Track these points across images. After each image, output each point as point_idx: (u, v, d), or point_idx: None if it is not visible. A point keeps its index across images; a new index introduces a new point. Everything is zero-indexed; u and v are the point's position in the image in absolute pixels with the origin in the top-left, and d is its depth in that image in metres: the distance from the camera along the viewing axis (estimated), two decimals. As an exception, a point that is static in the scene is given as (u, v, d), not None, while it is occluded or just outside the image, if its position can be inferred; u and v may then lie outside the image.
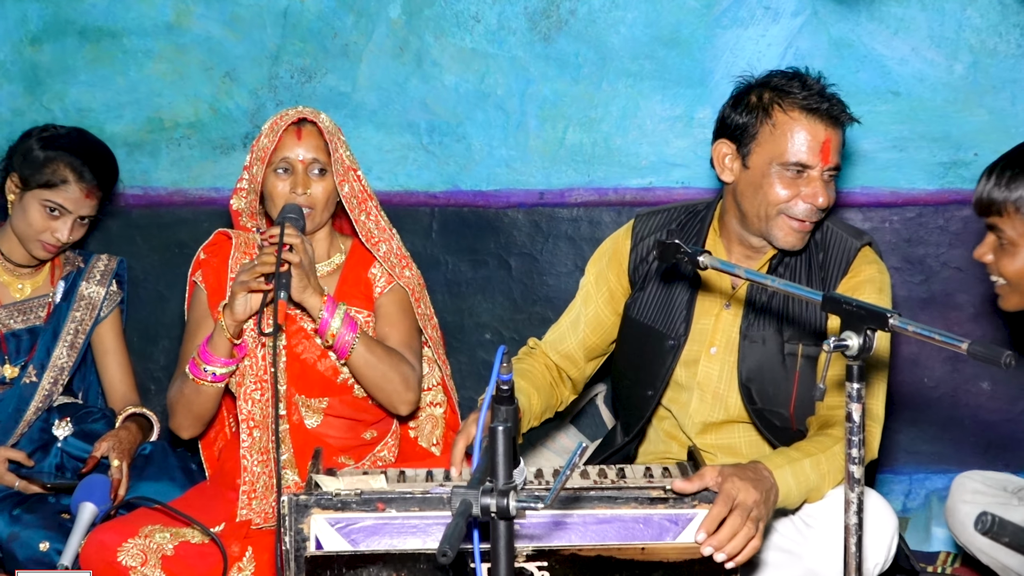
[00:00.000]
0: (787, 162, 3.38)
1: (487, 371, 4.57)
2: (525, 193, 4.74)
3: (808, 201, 3.40)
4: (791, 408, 3.51)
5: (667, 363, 3.62)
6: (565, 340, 3.79)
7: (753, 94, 3.47)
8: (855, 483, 2.67)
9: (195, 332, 3.74)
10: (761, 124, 3.42)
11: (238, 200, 3.81)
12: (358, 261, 3.84)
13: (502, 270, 4.80)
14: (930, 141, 4.54)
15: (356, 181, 3.77)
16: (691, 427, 3.64)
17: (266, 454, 3.66)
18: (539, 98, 4.68)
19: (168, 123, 4.81)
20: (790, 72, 3.48)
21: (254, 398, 3.66)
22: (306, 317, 3.72)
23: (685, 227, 3.68)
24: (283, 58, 4.73)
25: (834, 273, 3.53)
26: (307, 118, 3.72)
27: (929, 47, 4.49)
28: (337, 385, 3.74)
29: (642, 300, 3.68)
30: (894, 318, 2.60)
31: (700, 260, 3.10)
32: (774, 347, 3.52)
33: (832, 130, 3.40)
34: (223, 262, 3.77)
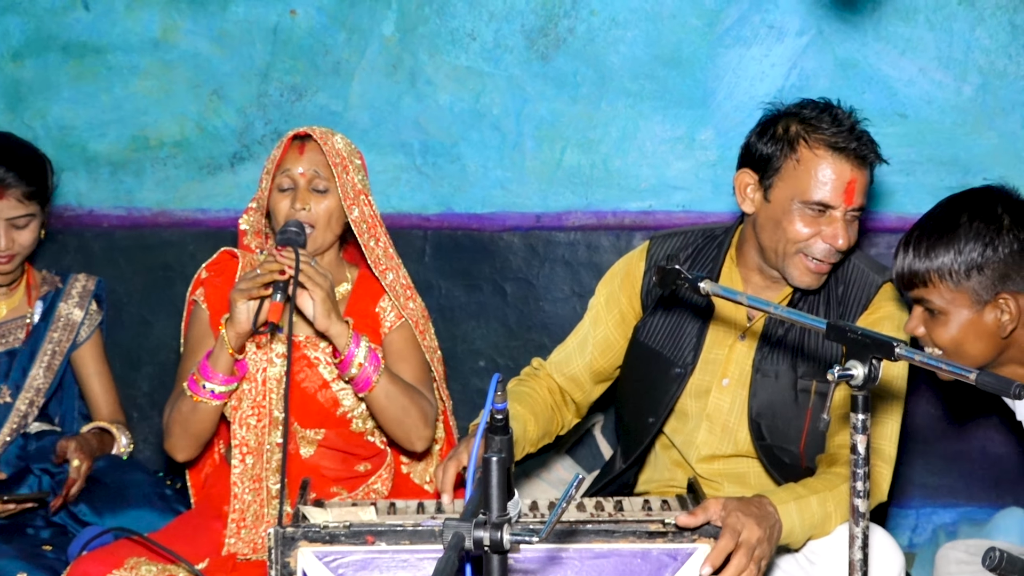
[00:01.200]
0: (809, 200, 3.38)
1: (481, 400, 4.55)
2: (521, 216, 4.75)
3: (828, 242, 3.40)
4: (801, 446, 3.51)
5: (672, 391, 3.63)
6: (571, 362, 3.80)
7: (780, 124, 3.47)
8: (860, 517, 2.68)
9: (195, 350, 3.74)
10: (785, 158, 3.42)
11: (247, 219, 3.81)
12: (366, 291, 3.84)
13: (497, 295, 4.81)
14: (938, 165, 4.55)
15: (367, 206, 3.77)
16: (696, 457, 3.64)
17: (258, 482, 3.65)
18: (536, 118, 4.69)
19: (153, 142, 4.81)
20: (821, 104, 3.47)
21: (249, 424, 3.66)
22: (310, 344, 3.72)
23: (701, 252, 3.68)
24: (272, 76, 4.74)
25: (853, 308, 3.52)
26: (312, 136, 3.73)
27: (937, 68, 4.51)
28: (336, 417, 3.74)
29: (652, 324, 3.69)
30: (900, 347, 2.61)
31: (701, 287, 3.10)
32: (787, 382, 3.52)
33: (859, 170, 3.39)
34: (228, 282, 3.76)
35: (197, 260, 3.92)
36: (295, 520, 3.05)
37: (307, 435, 3.76)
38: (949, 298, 3.16)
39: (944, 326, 3.18)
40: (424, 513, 3.16)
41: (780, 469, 3.52)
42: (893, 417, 3.48)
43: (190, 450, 3.72)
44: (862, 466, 2.65)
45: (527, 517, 3.13)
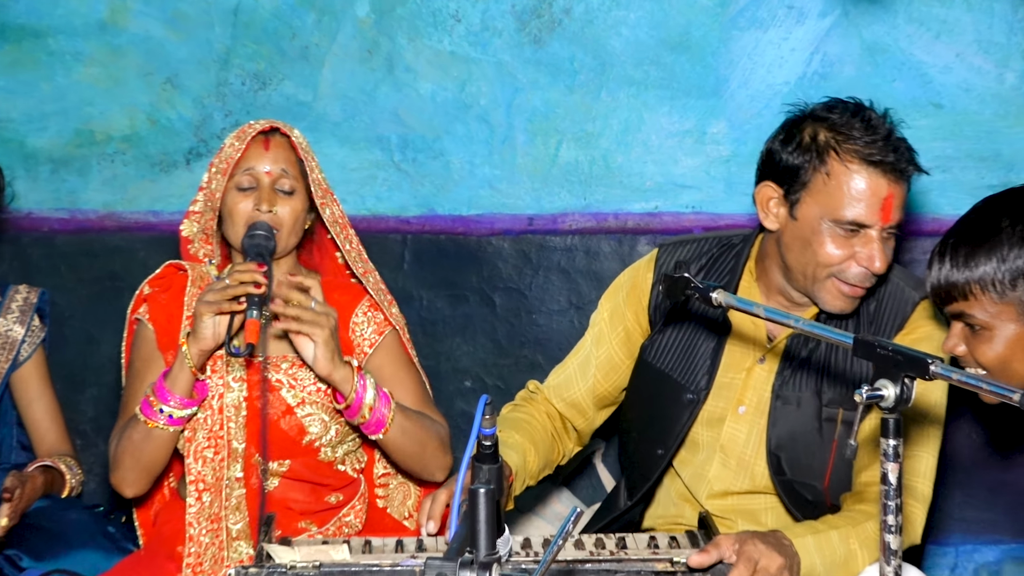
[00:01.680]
0: (841, 219, 3.35)
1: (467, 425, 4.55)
2: (512, 219, 4.75)
3: (863, 264, 3.37)
4: (826, 481, 3.50)
5: (683, 420, 3.61)
6: (572, 385, 3.78)
7: (807, 130, 3.42)
8: (891, 556, 2.67)
9: (142, 373, 3.73)
10: (814, 171, 3.38)
11: (190, 225, 3.81)
12: (333, 303, 3.84)
13: (485, 307, 4.81)
14: (977, 160, 4.56)
15: (335, 205, 3.79)
16: (707, 493, 3.62)
17: (217, 522, 3.64)
18: (528, 109, 4.69)
19: (100, 136, 4.81)
20: (852, 106, 3.43)
21: (206, 457, 3.65)
22: (271, 366, 3.72)
23: (717, 263, 3.66)
24: (233, 62, 4.74)
25: (887, 327, 3.51)
26: (279, 129, 3.73)
27: (976, 53, 4.52)
28: (301, 447, 3.74)
29: (661, 343, 3.67)
30: (936, 364, 2.60)
31: (714, 297, 3.09)
32: (810, 411, 3.50)
33: (896, 184, 3.35)
34: (175, 298, 3.76)
35: (149, 268, 3.91)
36: (258, 560, 3.04)
37: (270, 468, 3.74)
38: (993, 311, 3.13)
39: (988, 343, 3.16)
40: (403, 552, 3.16)
41: (802, 508, 3.50)
42: (928, 450, 3.46)
43: (141, 484, 3.70)
44: (894, 498, 2.64)
45: (519, 556, 3.12)
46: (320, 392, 3.72)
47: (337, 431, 3.76)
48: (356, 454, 3.91)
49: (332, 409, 3.73)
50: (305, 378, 3.72)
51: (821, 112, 3.44)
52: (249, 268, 3.48)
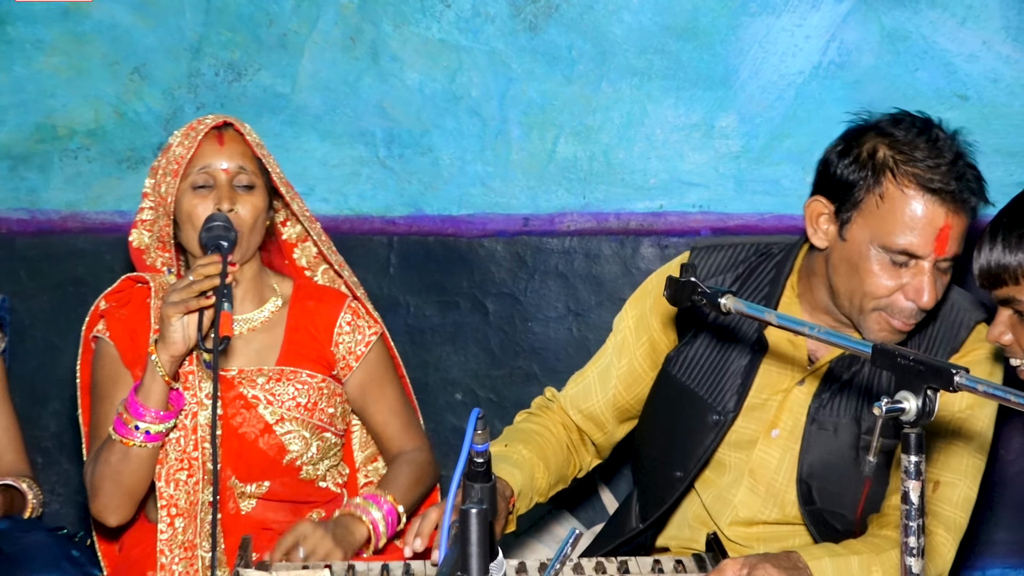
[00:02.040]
0: (891, 247, 3.31)
1: (457, 440, 4.58)
2: (505, 219, 4.77)
3: (910, 297, 3.33)
4: (858, 512, 3.49)
5: (707, 442, 3.59)
6: (590, 396, 3.76)
7: (867, 144, 3.38)
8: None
9: (110, 394, 3.73)
10: (868, 190, 3.34)
11: (139, 235, 3.82)
12: (307, 310, 3.85)
13: (476, 314, 4.82)
14: (1006, 156, 4.57)
15: (299, 200, 3.81)
16: (731, 519, 3.61)
17: (191, 550, 3.65)
18: (523, 101, 4.71)
19: (62, 131, 4.82)
20: (919, 123, 3.38)
21: (179, 480, 3.65)
22: (246, 381, 3.73)
23: (755, 273, 3.63)
24: (206, 51, 4.75)
25: (940, 349, 3.48)
26: (231, 123, 3.75)
27: (1004, 40, 4.54)
28: (282, 467, 3.75)
29: (688, 356, 3.64)
30: (960, 375, 2.61)
31: (722, 303, 3.10)
32: (847, 439, 3.47)
33: (956, 215, 3.31)
34: (137, 312, 3.77)
35: (115, 272, 3.93)
36: (234, 586, 3.06)
37: (247, 490, 3.76)
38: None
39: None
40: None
41: (831, 538, 3.48)
42: (969, 479, 3.46)
43: (125, 510, 3.70)
44: (915, 518, 2.66)
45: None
46: (300, 407, 3.74)
47: (319, 447, 3.78)
48: (338, 468, 3.93)
49: (313, 425, 3.75)
50: (283, 393, 3.74)
51: (886, 125, 3.39)
52: (212, 260, 3.49)
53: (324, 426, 3.78)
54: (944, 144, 3.34)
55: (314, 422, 3.74)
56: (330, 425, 3.80)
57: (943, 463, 3.44)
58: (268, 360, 3.79)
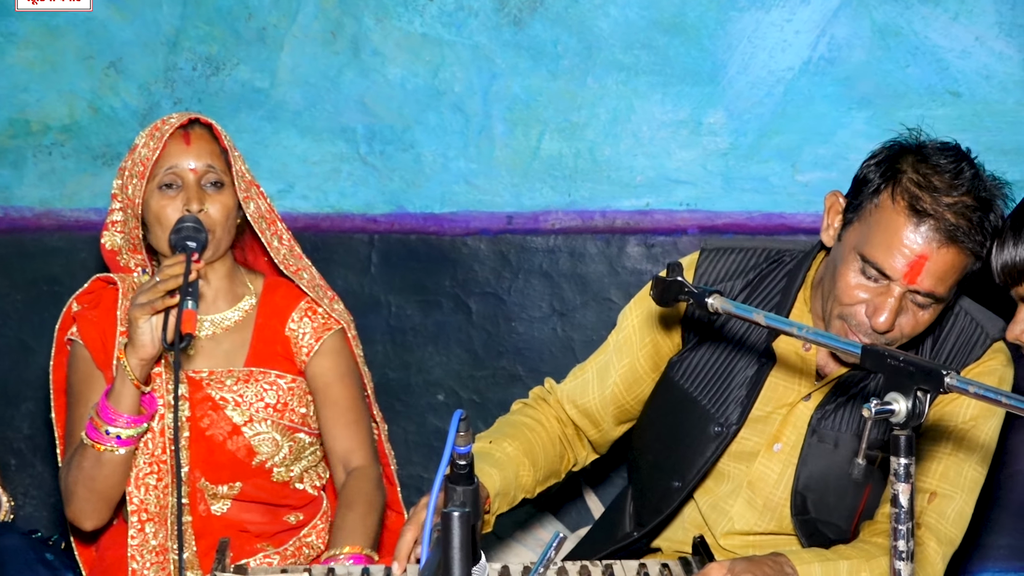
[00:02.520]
0: (867, 257, 3.28)
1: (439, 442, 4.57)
2: (489, 217, 4.77)
3: (868, 314, 3.30)
4: (853, 523, 3.50)
5: (708, 454, 3.57)
6: (587, 392, 3.74)
7: (898, 154, 3.34)
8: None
9: (85, 396, 3.74)
10: (870, 197, 3.32)
11: (111, 237, 3.82)
12: (274, 309, 3.85)
13: (459, 314, 4.82)
14: (999, 154, 4.58)
15: (261, 198, 3.80)
16: (726, 530, 3.61)
17: (162, 555, 3.65)
18: (507, 97, 4.71)
19: (36, 126, 4.81)
20: (954, 149, 3.33)
21: (148, 484, 3.66)
22: (214, 383, 3.73)
23: (765, 280, 3.60)
24: (183, 44, 4.75)
25: (956, 363, 3.46)
26: (198, 119, 3.74)
27: (998, 36, 4.55)
28: (251, 468, 3.75)
29: (692, 362, 3.62)
30: (951, 376, 2.62)
31: (709, 303, 3.10)
32: (847, 453, 3.45)
33: (940, 250, 3.24)
34: (106, 314, 3.77)
35: (90, 271, 3.93)
36: (210, 590, 3.06)
37: (218, 492, 3.76)
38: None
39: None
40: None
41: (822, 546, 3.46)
42: (966, 493, 3.46)
43: (100, 515, 3.70)
44: (904, 521, 2.67)
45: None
46: (269, 408, 3.74)
47: (291, 448, 3.78)
48: (316, 470, 3.92)
49: (283, 426, 3.75)
50: (251, 394, 3.74)
51: (931, 147, 3.34)
52: (177, 260, 3.50)
53: (296, 426, 3.78)
54: (965, 180, 3.27)
55: (284, 423, 3.74)
56: (303, 425, 3.80)
57: (942, 474, 3.44)
58: (237, 361, 3.79)
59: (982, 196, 3.27)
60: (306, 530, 3.86)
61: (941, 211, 3.22)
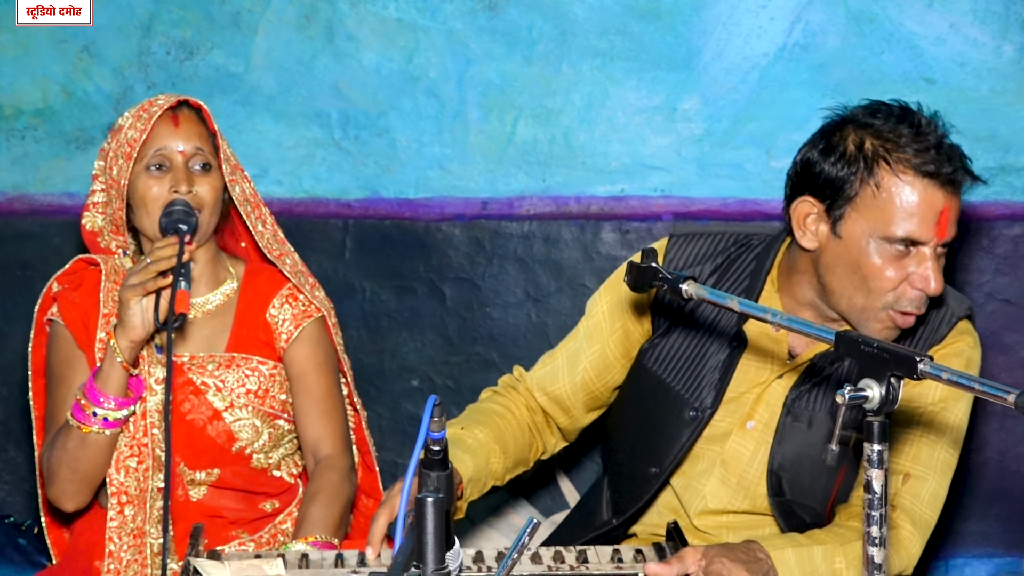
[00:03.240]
0: (892, 236, 3.30)
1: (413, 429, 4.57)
2: (464, 203, 4.77)
3: (918, 287, 3.32)
4: (828, 505, 3.51)
5: (683, 439, 3.58)
6: (558, 379, 3.74)
7: (851, 138, 3.37)
8: (875, 570, 2.70)
9: (67, 378, 3.73)
10: (862, 183, 3.32)
11: (92, 218, 3.81)
12: (255, 294, 3.84)
13: (434, 300, 4.82)
14: (972, 141, 4.58)
15: (245, 182, 3.80)
16: (700, 509, 3.62)
17: (140, 537, 3.65)
18: (482, 82, 4.71)
19: (8, 110, 4.80)
20: (897, 110, 3.38)
21: (128, 466, 3.65)
22: (195, 368, 3.73)
23: (734, 265, 3.61)
24: (157, 29, 4.74)
25: (923, 343, 3.49)
26: (187, 100, 3.74)
27: (972, 23, 4.56)
28: (231, 454, 3.75)
29: (664, 348, 3.63)
30: (924, 363, 2.63)
31: (683, 289, 3.11)
32: (821, 433, 3.46)
33: (952, 197, 3.31)
34: (89, 295, 3.76)
35: (64, 256, 3.92)
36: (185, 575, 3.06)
37: (196, 477, 3.76)
38: None
39: None
40: (344, 567, 3.17)
41: (799, 529, 3.49)
42: (939, 475, 3.47)
43: (81, 496, 3.70)
44: (878, 507, 2.68)
45: (470, 571, 3.14)
46: (250, 394, 3.74)
47: (270, 435, 3.78)
48: (293, 457, 3.93)
49: (264, 412, 3.75)
50: (232, 379, 3.74)
51: (863, 117, 3.39)
52: (169, 242, 3.50)
53: (276, 413, 3.78)
54: (927, 128, 3.34)
55: (265, 409, 3.74)
56: (282, 412, 3.80)
57: (914, 455, 3.45)
58: (218, 346, 3.79)
59: (942, 133, 3.36)
60: (281, 517, 3.86)
61: (940, 163, 3.29)
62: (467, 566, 3.17)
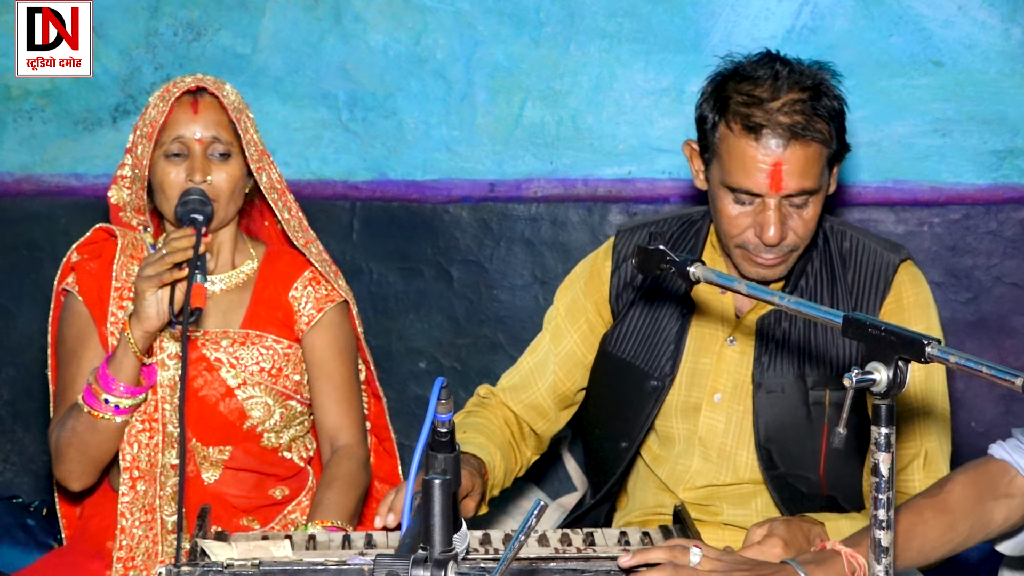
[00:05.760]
0: (732, 186, 3.36)
1: (421, 410, 4.59)
2: (471, 184, 4.76)
3: (757, 234, 3.37)
4: (820, 470, 3.52)
5: (647, 409, 3.62)
6: (530, 386, 3.77)
7: (719, 81, 3.42)
8: (882, 554, 2.71)
9: (77, 352, 3.72)
10: (714, 128, 3.39)
11: (119, 191, 3.80)
12: (274, 275, 3.84)
13: (441, 282, 4.82)
14: (981, 124, 4.59)
15: (272, 169, 3.79)
16: (688, 487, 3.64)
17: (151, 513, 3.65)
18: (490, 64, 4.70)
19: (16, 91, 4.79)
20: (763, 58, 3.39)
21: (141, 441, 3.65)
22: (209, 343, 3.73)
23: (678, 242, 3.65)
24: (164, 10, 4.73)
25: (870, 296, 3.51)
26: (207, 88, 3.72)
27: (981, 6, 4.55)
28: (242, 432, 3.75)
29: (623, 331, 3.67)
30: (932, 346, 2.62)
31: (691, 272, 3.11)
32: (796, 397, 3.51)
33: (787, 150, 3.30)
34: (105, 267, 3.75)
35: (71, 236, 3.91)
36: (192, 557, 3.05)
37: (209, 454, 3.76)
38: None
39: None
40: (351, 548, 3.17)
41: (797, 502, 3.51)
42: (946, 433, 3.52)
43: (89, 476, 3.70)
44: (885, 491, 2.67)
45: (478, 553, 3.15)
46: (264, 373, 3.74)
47: (282, 415, 3.78)
48: (304, 440, 3.92)
49: (277, 391, 3.75)
50: (247, 357, 3.73)
51: (740, 63, 3.43)
52: (185, 234, 3.49)
53: (289, 393, 3.78)
54: (783, 79, 3.34)
55: (278, 388, 3.74)
56: (295, 393, 3.80)
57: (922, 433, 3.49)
58: (233, 323, 3.79)
59: (807, 86, 3.33)
60: (291, 506, 3.86)
61: (774, 117, 3.29)
62: (474, 548, 3.18)
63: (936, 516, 3.13)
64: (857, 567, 2.94)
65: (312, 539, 3.20)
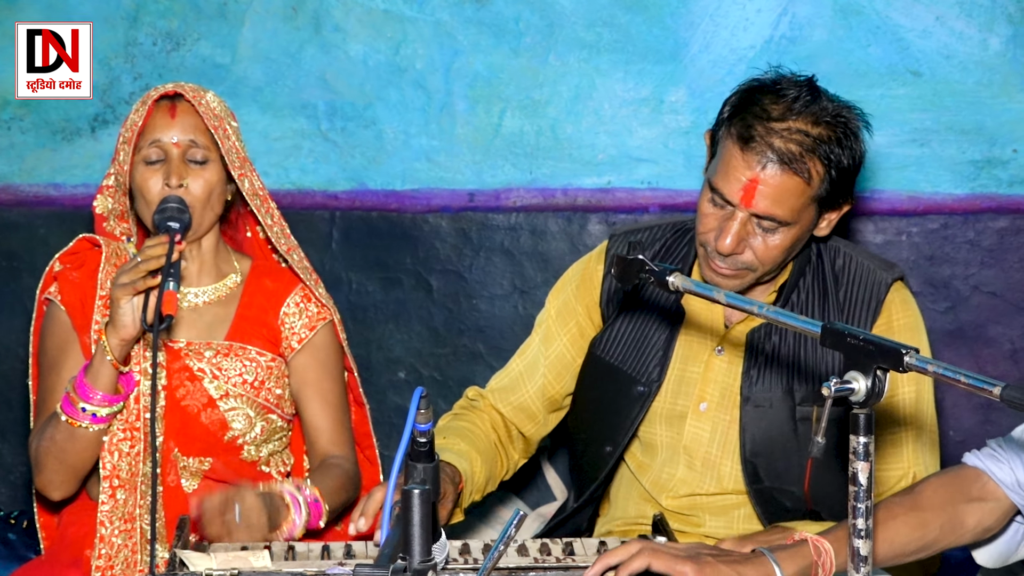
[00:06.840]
0: (712, 184, 3.39)
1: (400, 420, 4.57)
2: (450, 194, 4.77)
3: (716, 237, 3.39)
4: (806, 485, 3.53)
5: (633, 414, 3.63)
6: (519, 388, 3.79)
7: (753, 88, 3.43)
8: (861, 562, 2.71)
9: (58, 362, 3.72)
10: (722, 127, 3.43)
11: (103, 201, 3.80)
12: (263, 288, 3.84)
13: (420, 292, 4.82)
14: (959, 134, 4.61)
15: (254, 176, 3.79)
16: (670, 495, 3.65)
17: (131, 522, 3.64)
18: (469, 74, 4.70)
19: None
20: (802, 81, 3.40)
21: (122, 450, 3.64)
22: (192, 353, 3.72)
23: (672, 250, 3.67)
24: (143, 19, 4.73)
25: (861, 314, 3.52)
26: (184, 95, 3.72)
27: (958, 16, 4.57)
28: (223, 443, 3.75)
29: (612, 336, 3.68)
30: (910, 355, 2.63)
31: (670, 281, 3.11)
32: (784, 413, 3.51)
33: (768, 172, 3.31)
34: (89, 276, 3.75)
35: (50, 247, 3.91)
36: (171, 567, 3.05)
37: (190, 465, 3.76)
38: None
39: None
40: (330, 558, 3.18)
41: (780, 516, 3.52)
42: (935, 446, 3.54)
43: (69, 485, 3.69)
44: (863, 500, 2.68)
45: (457, 563, 3.15)
46: (246, 384, 3.74)
47: (263, 428, 3.78)
48: (282, 455, 3.92)
49: (259, 404, 3.75)
50: (230, 368, 3.73)
51: (781, 79, 3.44)
52: (159, 241, 3.48)
53: (270, 407, 3.78)
54: (801, 105, 3.35)
55: (260, 401, 3.74)
56: (276, 407, 3.80)
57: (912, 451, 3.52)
58: (218, 334, 3.79)
59: (823, 122, 3.34)
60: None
61: (769, 137, 3.31)
62: (453, 558, 3.18)
63: (907, 513, 3.15)
64: (823, 551, 2.95)
65: (291, 549, 3.21)
